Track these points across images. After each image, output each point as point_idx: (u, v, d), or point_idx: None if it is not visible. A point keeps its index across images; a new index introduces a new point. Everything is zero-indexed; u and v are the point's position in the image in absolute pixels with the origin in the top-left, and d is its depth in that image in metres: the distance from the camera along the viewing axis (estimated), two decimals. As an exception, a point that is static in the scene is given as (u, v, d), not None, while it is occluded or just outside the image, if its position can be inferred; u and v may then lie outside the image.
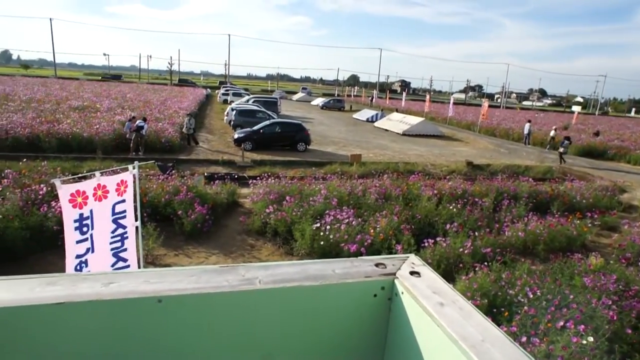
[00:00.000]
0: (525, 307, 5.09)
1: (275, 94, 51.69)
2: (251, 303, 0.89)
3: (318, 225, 7.81)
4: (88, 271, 3.78)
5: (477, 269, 6.45)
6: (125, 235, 4.20)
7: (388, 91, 69.18)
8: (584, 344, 4.26)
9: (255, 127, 18.63)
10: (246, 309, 0.89)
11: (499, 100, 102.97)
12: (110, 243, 4.09)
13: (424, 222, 8.96)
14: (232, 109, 23.56)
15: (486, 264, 6.62)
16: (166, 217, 8.48)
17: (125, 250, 4.22)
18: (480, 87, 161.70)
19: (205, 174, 12.64)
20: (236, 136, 18.13)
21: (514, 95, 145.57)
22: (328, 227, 7.68)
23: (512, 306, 5.45)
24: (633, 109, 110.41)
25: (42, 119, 17.05)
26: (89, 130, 15.64)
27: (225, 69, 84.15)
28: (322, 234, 7.58)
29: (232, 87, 54.70)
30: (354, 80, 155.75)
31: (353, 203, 9.45)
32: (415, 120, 29.08)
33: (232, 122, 22.19)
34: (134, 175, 4.28)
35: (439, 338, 0.80)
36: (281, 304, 0.92)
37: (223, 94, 43.09)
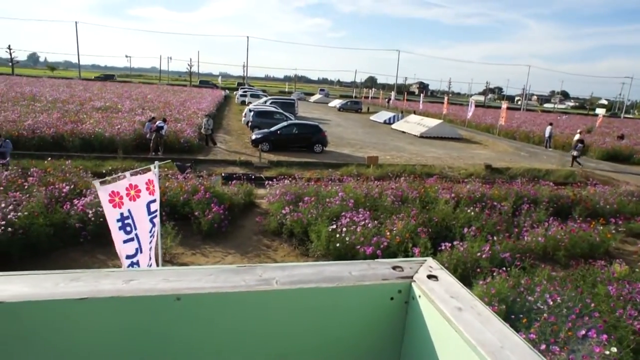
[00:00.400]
0: (545, 314, 4.97)
1: (294, 95, 51.95)
2: (268, 303, 0.90)
3: (334, 226, 7.80)
4: None
5: (495, 273, 6.34)
6: (154, 234, 4.29)
7: (406, 93, 68.70)
8: (607, 354, 4.14)
9: (273, 129, 18.75)
10: (263, 309, 0.90)
11: (519, 103, 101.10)
12: (150, 242, 4.18)
13: (441, 225, 8.85)
14: (250, 110, 23.78)
15: (504, 269, 6.49)
16: (184, 216, 8.61)
17: (151, 249, 4.31)
18: (500, 89, 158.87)
19: (223, 174, 12.79)
20: (253, 137, 18.28)
21: (535, 97, 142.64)
22: (344, 229, 7.66)
23: (531, 313, 5.34)
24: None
25: (66, 119, 17.55)
26: (111, 130, 16.02)
27: (244, 71, 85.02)
28: (338, 235, 7.57)
29: (250, 88, 55.24)
30: (371, 82, 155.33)
31: (369, 205, 9.41)
32: (433, 122, 28.79)
33: (250, 123, 22.40)
34: (155, 175, 4.36)
35: (456, 343, 0.79)
36: (298, 304, 0.92)
37: (241, 95, 43.55)
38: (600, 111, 50.96)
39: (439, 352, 0.86)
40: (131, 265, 3.85)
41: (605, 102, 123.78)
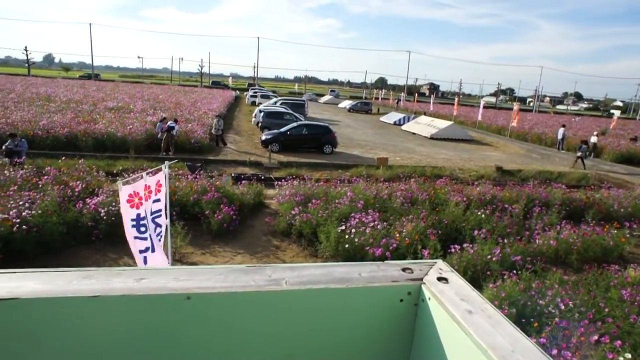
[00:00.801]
0: (557, 319, 4.90)
1: (305, 96, 52.07)
2: (277, 303, 0.90)
3: (343, 228, 7.79)
4: None
5: (505, 277, 6.26)
6: (161, 234, 4.34)
7: (416, 94, 68.34)
8: (620, 360, 4.06)
9: (283, 129, 18.80)
10: (272, 308, 0.90)
11: (531, 104, 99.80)
12: (160, 241, 4.24)
13: (451, 227, 8.78)
14: (260, 111, 23.89)
15: (515, 272, 6.42)
16: (194, 216, 8.67)
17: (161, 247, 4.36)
18: (511, 90, 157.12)
19: (233, 175, 12.86)
20: (263, 138, 18.36)
21: (548, 98, 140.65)
22: (353, 230, 7.65)
23: (542, 317, 5.26)
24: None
25: (80, 119, 17.82)
26: (123, 130, 16.22)
27: (254, 71, 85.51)
28: (347, 236, 7.55)
29: (260, 89, 55.47)
30: (381, 82, 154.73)
31: (379, 206, 9.38)
32: (443, 123, 28.59)
33: (260, 124, 22.49)
34: (165, 175, 4.41)
35: (466, 346, 0.78)
36: (307, 305, 0.92)
37: (251, 96, 43.77)
38: (616, 113, 50.10)
39: (448, 354, 0.85)
40: (144, 260, 3.91)
41: (620, 104, 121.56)
